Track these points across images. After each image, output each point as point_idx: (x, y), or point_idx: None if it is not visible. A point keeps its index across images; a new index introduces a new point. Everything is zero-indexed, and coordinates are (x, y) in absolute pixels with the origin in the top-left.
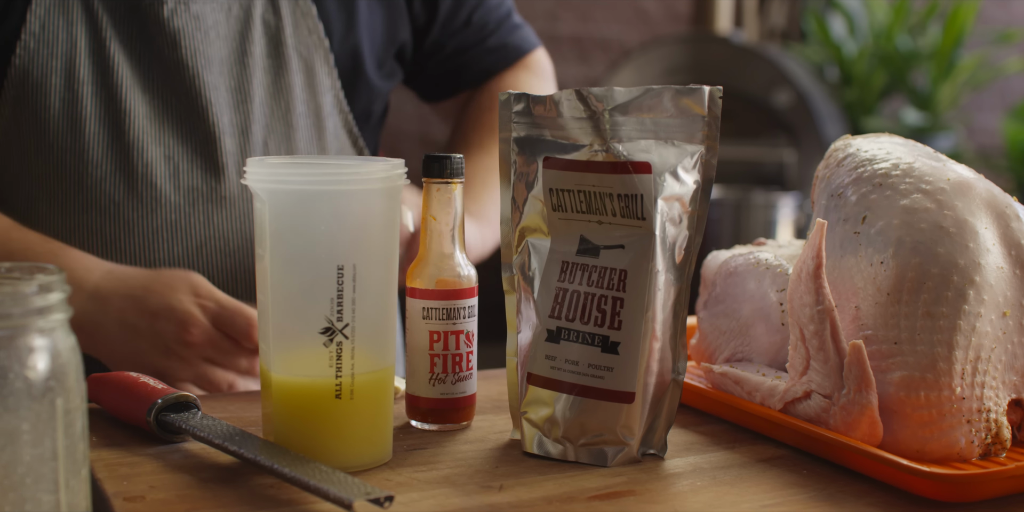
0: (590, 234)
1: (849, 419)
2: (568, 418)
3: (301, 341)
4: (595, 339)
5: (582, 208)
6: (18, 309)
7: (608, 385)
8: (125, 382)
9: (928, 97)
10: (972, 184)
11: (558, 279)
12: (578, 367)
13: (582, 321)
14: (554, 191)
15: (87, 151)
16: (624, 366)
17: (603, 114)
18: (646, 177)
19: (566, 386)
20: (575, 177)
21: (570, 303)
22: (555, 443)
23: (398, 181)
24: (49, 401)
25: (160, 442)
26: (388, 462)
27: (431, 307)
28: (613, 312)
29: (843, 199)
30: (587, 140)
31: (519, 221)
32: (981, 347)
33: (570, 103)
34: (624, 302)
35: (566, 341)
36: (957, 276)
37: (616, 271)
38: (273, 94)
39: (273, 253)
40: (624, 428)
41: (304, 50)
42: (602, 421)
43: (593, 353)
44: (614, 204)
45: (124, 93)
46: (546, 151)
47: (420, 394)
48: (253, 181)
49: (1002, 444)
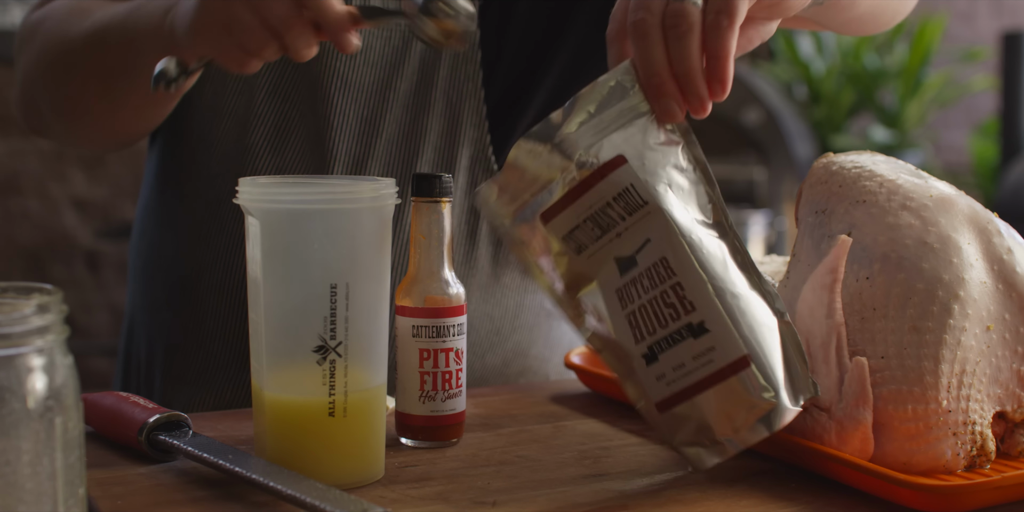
0: (619, 251)
1: (843, 433)
2: (712, 417)
3: (294, 359)
4: (683, 333)
5: (598, 233)
6: (17, 329)
7: (720, 363)
8: (115, 402)
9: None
10: (954, 200)
11: (621, 308)
12: (687, 367)
13: (661, 326)
14: (568, 237)
15: (212, 145)
16: (721, 338)
17: (557, 140)
18: (624, 168)
19: (689, 391)
20: (574, 211)
21: (643, 320)
22: (715, 445)
23: (390, 200)
24: (48, 420)
25: (152, 461)
26: (380, 479)
27: (420, 325)
28: (679, 299)
29: (828, 216)
30: (559, 169)
31: (562, 286)
32: (966, 361)
33: (527, 151)
34: (682, 284)
35: (663, 353)
36: (942, 291)
37: (658, 263)
38: (405, 134)
39: (266, 272)
40: (762, 390)
41: (455, 96)
42: (739, 399)
43: (690, 346)
44: (616, 208)
45: (258, 95)
46: (538, 211)
47: (410, 411)
48: (245, 200)
49: (987, 456)
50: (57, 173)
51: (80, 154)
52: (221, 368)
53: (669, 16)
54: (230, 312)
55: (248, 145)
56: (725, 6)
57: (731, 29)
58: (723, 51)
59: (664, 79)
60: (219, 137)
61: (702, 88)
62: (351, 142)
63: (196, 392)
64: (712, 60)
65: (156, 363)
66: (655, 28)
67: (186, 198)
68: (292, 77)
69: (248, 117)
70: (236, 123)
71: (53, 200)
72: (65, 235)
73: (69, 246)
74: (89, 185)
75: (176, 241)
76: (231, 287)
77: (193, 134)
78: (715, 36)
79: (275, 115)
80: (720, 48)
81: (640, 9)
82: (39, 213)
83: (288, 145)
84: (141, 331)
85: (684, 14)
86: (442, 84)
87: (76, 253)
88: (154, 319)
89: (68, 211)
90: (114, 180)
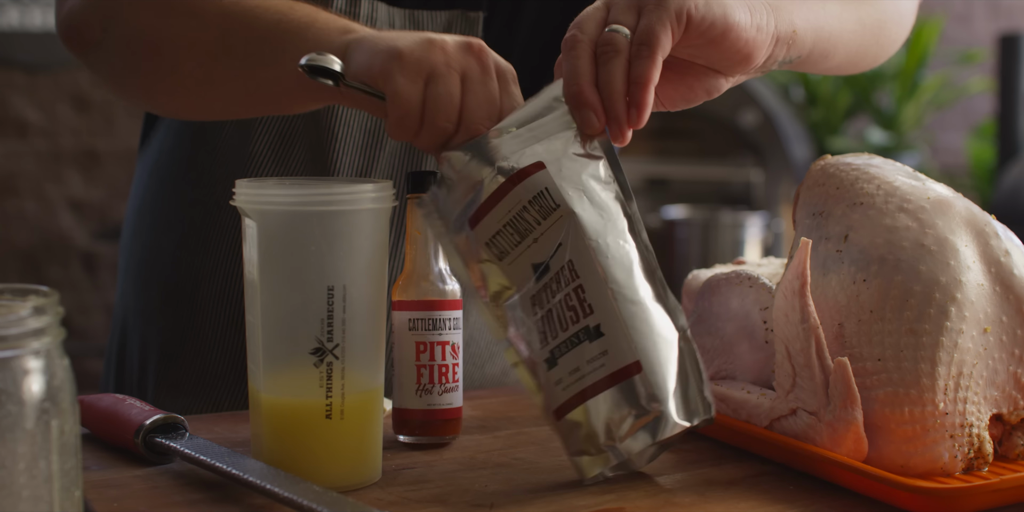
0: (536, 256)
1: (835, 435)
2: (599, 423)
3: (291, 362)
4: (580, 335)
5: (516, 238)
6: (13, 331)
7: (612, 367)
8: (111, 404)
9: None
10: (952, 202)
11: (532, 314)
12: (581, 371)
13: (563, 330)
14: (490, 242)
15: (215, 151)
16: (615, 342)
17: (484, 150)
18: (541, 173)
19: (581, 395)
20: (495, 216)
21: (547, 324)
22: (601, 454)
23: (388, 202)
24: (44, 423)
25: (149, 464)
26: (377, 482)
27: (417, 318)
28: (580, 301)
29: (825, 218)
30: (481, 175)
31: (485, 294)
32: (963, 363)
33: (458, 161)
34: (584, 286)
35: (562, 357)
36: (939, 293)
37: (565, 266)
38: (409, 146)
39: (263, 274)
40: (650, 399)
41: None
42: (626, 404)
43: (585, 349)
44: (531, 212)
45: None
46: (465, 216)
47: (408, 406)
48: (242, 202)
49: (984, 458)
50: (53, 174)
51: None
52: (219, 377)
53: (600, 44)
54: (230, 321)
55: (252, 152)
56: (646, 37)
57: (651, 59)
58: (642, 78)
59: (584, 88)
60: (221, 141)
61: (622, 112)
62: (354, 153)
63: (192, 401)
64: (632, 86)
65: (150, 370)
66: (584, 44)
67: (185, 202)
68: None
69: (252, 123)
70: (239, 129)
71: (49, 201)
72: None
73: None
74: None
75: (173, 246)
76: (231, 296)
77: (194, 136)
78: (636, 64)
79: (279, 123)
80: (640, 75)
81: (574, 28)
82: (35, 214)
83: (291, 154)
84: (134, 337)
85: (612, 42)
86: None
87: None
88: (148, 324)
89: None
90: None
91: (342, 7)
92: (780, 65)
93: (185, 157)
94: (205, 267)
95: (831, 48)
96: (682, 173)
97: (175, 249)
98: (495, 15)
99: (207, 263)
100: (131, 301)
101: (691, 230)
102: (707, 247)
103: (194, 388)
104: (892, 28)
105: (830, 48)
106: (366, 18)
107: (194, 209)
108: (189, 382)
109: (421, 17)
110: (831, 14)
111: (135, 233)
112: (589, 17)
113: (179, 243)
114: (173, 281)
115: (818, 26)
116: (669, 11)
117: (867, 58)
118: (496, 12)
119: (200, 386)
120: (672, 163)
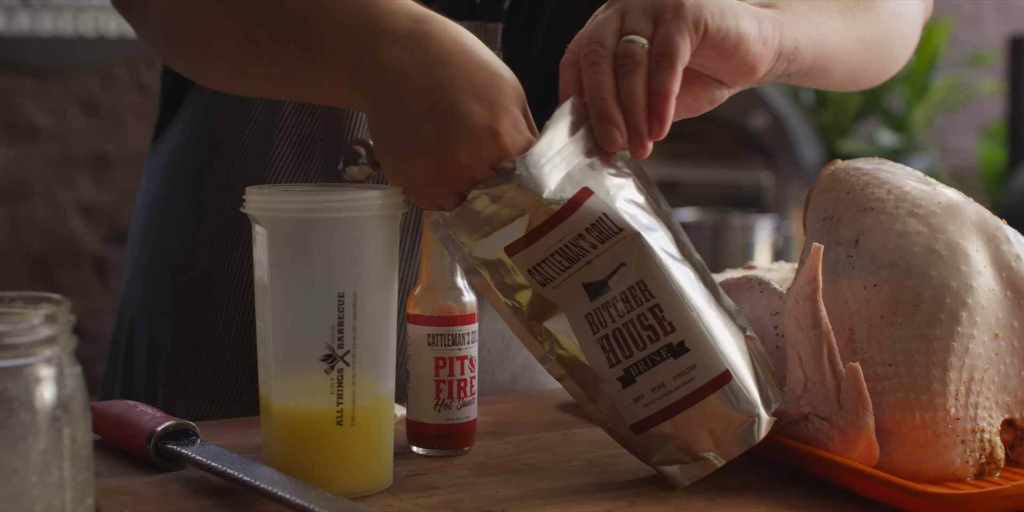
0: (588, 277)
1: (846, 441)
2: (693, 433)
3: (302, 368)
4: (663, 353)
5: (565, 264)
6: (25, 339)
7: (702, 380)
8: (124, 411)
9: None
10: (962, 207)
11: (592, 333)
12: (667, 387)
13: (639, 348)
14: (533, 270)
15: (234, 152)
16: (702, 355)
17: (518, 179)
18: (594, 199)
19: (670, 410)
20: (541, 246)
21: (618, 343)
22: (697, 462)
23: (397, 208)
24: (56, 430)
25: (160, 470)
26: (388, 488)
27: (436, 333)
28: (659, 320)
29: (836, 223)
30: (522, 206)
31: (524, 315)
32: (975, 368)
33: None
34: (661, 305)
35: (640, 375)
36: (950, 298)
37: (634, 287)
38: None
39: (273, 281)
40: (744, 403)
41: None
42: (722, 414)
43: (670, 366)
44: (589, 238)
45: (284, 106)
46: (502, 244)
47: (425, 420)
48: (252, 208)
49: (996, 464)
50: (64, 179)
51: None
52: (231, 380)
53: (619, 56)
54: (243, 325)
55: (271, 157)
56: (665, 48)
57: (671, 69)
58: (663, 89)
59: (608, 103)
60: (241, 145)
61: (643, 125)
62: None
63: (203, 405)
64: (653, 98)
65: (160, 371)
66: (605, 59)
67: (201, 202)
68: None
69: (272, 128)
70: (260, 133)
71: (60, 206)
72: (72, 241)
73: (76, 252)
74: (96, 191)
75: (187, 247)
76: (245, 300)
77: (213, 138)
78: (656, 75)
79: (301, 128)
80: (661, 86)
81: (593, 42)
82: (46, 219)
83: (312, 161)
84: (143, 336)
85: (631, 54)
86: None
87: (83, 259)
88: (158, 324)
89: (75, 217)
90: (121, 185)
91: None
92: (777, 78)
93: (202, 157)
94: (220, 270)
95: (831, 65)
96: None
97: (189, 250)
98: (513, 26)
99: (222, 266)
100: (140, 299)
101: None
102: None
103: (205, 391)
104: (894, 48)
105: (830, 65)
106: None
107: (210, 211)
108: (200, 384)
109: None
110: (833, 31)
111: (145, 230)
112: (606, 28)
113: (194, 244)
114: (186, 283)
115: (820, 42)
116: (687, 20)
117: (867, 77)
118: (514, 23)
119: (211, 389)
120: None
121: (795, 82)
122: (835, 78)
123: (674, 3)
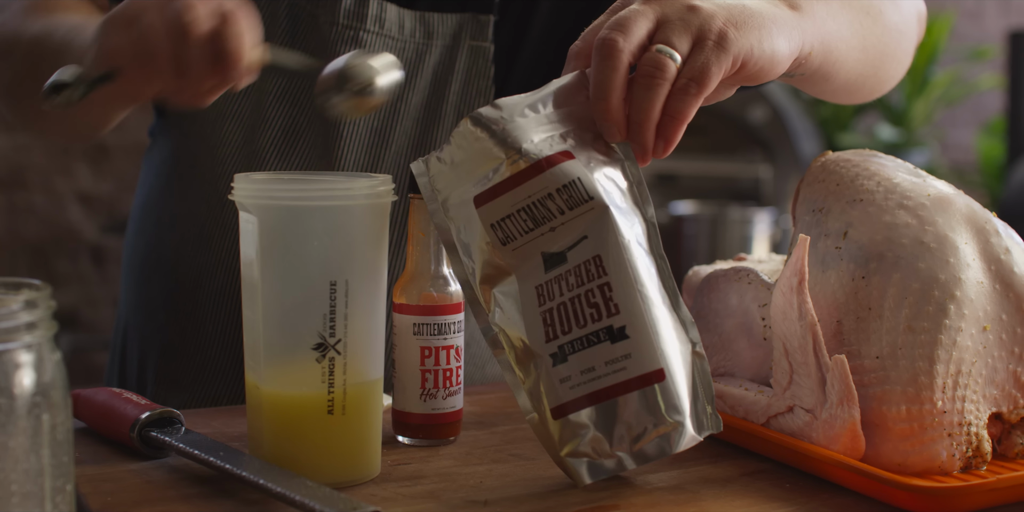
0: (549, 246)
1: (832, 433)
2: (611, 426)
3: (293, 357)
4: (601, 334)
5: (529, 225)
6: (4, 325)
7: (634, 372)
8: (108, 398)
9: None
10: (952, 200)
11: (539, 305)
12: (596, 372)
13: (578, 326)
14: (496, 225)
15: (219, 147)
16: (640, 347)
17: (505, 125)
18: (572, 163)
19: (594, 397)
20: (509, 198)
21: (559, 318)
22: (609, 459)
23: (388, 196)
24: (35, 417)
25: (144, 458)
26: (373, 478)
27: (422, 323)
28: (605, 299)
29: (825, 214)
30: (502, 155)
31: (476, 277)
32: (962, 361)
33: (468, 133)
34: (611, 284)
35: (574, 354)
36: (938, 291)
37: (590, 260)
38: (414, 146)
39: (264, 270)
40: (670, 409)
41: (466, 110)
42: (645, 411)
43: (605, 350)
44: (557, 201)
45: (267, 100)
46: (470, 193)
47: (410, 410)
48: (241, 196)
49: (983, 457)
50: (62, 167)
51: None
52: (219, 372)
53: (647, 63)
54: (230, 316)
55: (256, 149)
56: (699, 75)
57: (697, 97)
58: (682, 115)
59: (612, 105)
60: (225, 139)
61: (650, 141)
62: (359, 152)
63: (191, 397)
64: (668, 119)
65: (149, 365)
66: (624, 54)
67: (188, 199)
68: (302, 82)
69: (256, 121)
70: (243, 126)
71: (58, 195)
72: (70, 230)
73: (74, 241)
74: (94, 180)
75: (176, 243)
76: (233, 292)
77: (198, 134)
78: (680, 99)
79: (284, 120)
80: (680, 111)
81: (616, 29)
82: (44, 208)
83: (296, 151)
84: (135, 334)
85: (663, 67)
86: (453, 98)
87: (81, 248)
88: (149, 321)
89: (73, 206)
90: (119, 174)
91: (350, 8)
92: (780, 78)
93: (190, 154)
94: (207, 263)
95: (833, 72)
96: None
97: (178, 245)
98: (506, 19)
99: (209, 259)
100: (132, 297)
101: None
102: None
103: (193, 383)
104: (892, 64)
105: (832, 72)
106: (374, 19)
107: (197, 205)
108: (188, 377)
109: (431, 19)
110: (842, 38)
111: (139, 231)
112: (635, 24)
113: (182, 239)
114: (175, 277)
115: (828, 49)
116: (729, 55)
117: (863, 89)
118: (507, 16)
119: (199, 381)
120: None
121: (794, 84)
122: (833, 86)
123: (719, 33)
